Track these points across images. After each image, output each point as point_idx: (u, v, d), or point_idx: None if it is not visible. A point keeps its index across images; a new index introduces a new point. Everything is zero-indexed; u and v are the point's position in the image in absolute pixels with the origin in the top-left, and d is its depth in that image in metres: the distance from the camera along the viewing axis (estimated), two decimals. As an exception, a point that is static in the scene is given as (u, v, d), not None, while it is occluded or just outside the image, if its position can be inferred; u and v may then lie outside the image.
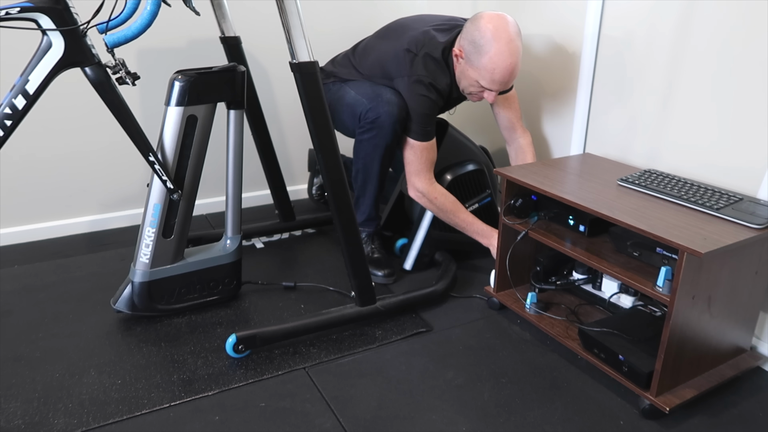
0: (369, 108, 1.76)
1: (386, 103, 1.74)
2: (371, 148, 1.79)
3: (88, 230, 2.24)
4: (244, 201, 2.35)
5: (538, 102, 2.11)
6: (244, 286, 1.84)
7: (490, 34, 1.63)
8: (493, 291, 1.73)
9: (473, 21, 1.69)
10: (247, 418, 1.30)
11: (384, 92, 1.77)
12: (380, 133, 1.76)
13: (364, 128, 1.78)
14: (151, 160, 1.49)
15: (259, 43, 2.31)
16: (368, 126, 1.77)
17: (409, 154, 1.81)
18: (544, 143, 2.12)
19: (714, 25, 1.48)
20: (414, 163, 1.81)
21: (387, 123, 1.74)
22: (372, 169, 1.83)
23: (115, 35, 1.37)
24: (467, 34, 1.69)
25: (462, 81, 1.77)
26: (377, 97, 1.76)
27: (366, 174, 1.85)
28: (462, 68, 1.74)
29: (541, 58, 2.06)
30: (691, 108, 1.58)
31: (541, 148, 2.14)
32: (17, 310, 1.70)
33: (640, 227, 1.27)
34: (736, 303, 1.35)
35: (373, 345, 1.56)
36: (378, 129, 1.75)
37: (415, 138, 1.78)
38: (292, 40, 1.36)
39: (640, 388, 1.32)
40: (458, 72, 1.77)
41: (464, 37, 1.71)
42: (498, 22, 1.64)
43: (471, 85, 1.74)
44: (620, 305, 1.59)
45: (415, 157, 1.80)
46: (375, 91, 1.79)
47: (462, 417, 1.31)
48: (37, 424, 1.27)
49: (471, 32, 1.68)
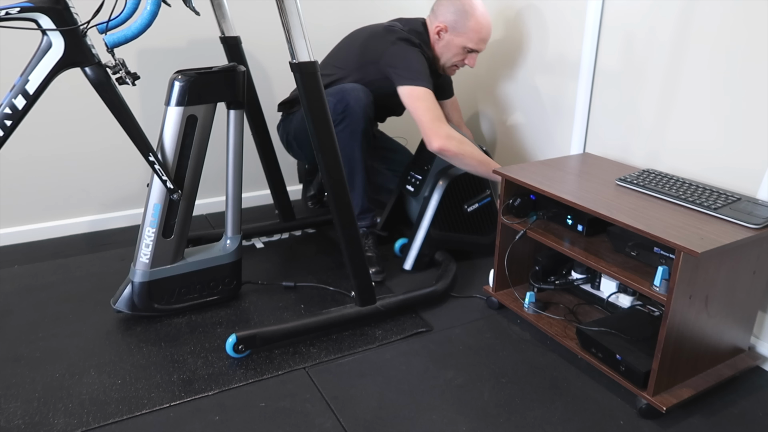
0: (336, 102, 1.78)
1: (351, 91, 1.78)
2: (348, 136, 1.80)
3: (88, 230, 2.25)
4: (244, 201, 2.35)
5: (538, 102, 2.12)
6: (244, 286, 1.84)
7: (469, 1, 1.86)
8: (492, 290, 1.74)
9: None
10: (247, 418, 1.30)
11: (345, 85, 1.82)
12: (352, 119, 1.78)
13: (336, 121, 1.79)
14: (151, 160, 1.50)
15: (259, 43, 2.31)
16: (340, 117, 1.78)
17: (421, 104, 1.77)
18: (544, 143, 2.13)
19: (714, 25, 1.48)
20: (432, 109, 1.77)
21: (357, 108, 1.77)
22: (354, 157, 1.84)
23: (115, 35, 1.37)
24: (444, 8, 1.88)
25: (445, 54, 1.93)
26: (340, 91, 1.80)
27: (350, 164, 1.85)
28: (446, 41, 1.90)
29: (541, 57, 2.06)
30: (690, 108, 1.58)
31: (541, 147, 2.15)
32: (17, 310, 1.71)
33: (637, 227, 1.27)
34: (734, 303, 1.36)
35: (373, 345, 1.57)
36: (349, 116, 1.77)
37: (422, 85, 1.78)
38: (292, 40, 1.36)
39: (638, 387, 1.32)
40: (440, 48, 1.92)
41: (442, 13, 1.89)
42: None
43: (456, 54, 1.92)
44: (619, 305, 1.59)
45: (429, 103, 1.77)
46: (335, 89, 1.82)
47: (462, 417, 1.31)
48: (37, 424, 1.27)
49: (449, 5, 1.87)
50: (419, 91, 1.77)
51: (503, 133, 2.32)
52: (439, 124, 1.76)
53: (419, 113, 1.77)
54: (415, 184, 1.99)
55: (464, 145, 1.78)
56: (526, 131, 2.21)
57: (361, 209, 1.92)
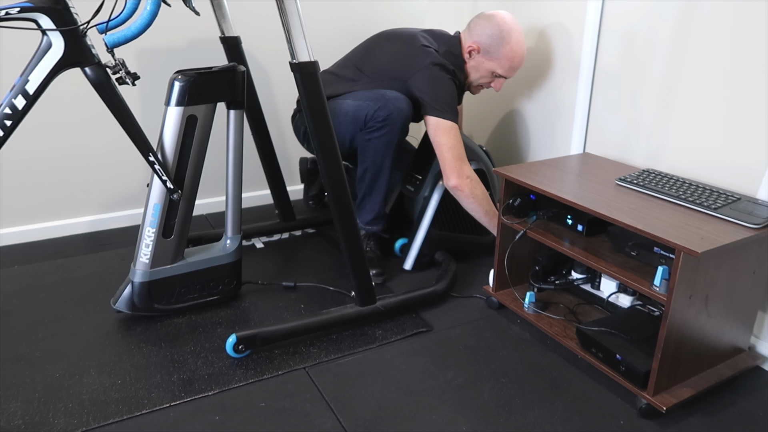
0: (377, 107, 1.77)
1: (394, 100, 1.77)
2: (382, 145, 1.80)
3: (88, 230, 2.25)
4: (244, 201, 2.35)
5: (538, 102, 2.12)
6: (244, 286, 1.84)
7: (508, 27, 1.82)
8: (492, 290, 1.74)
9: (486, 18, 1.85)
10: (247, 418, 1.30)
11: (387, 93, 1.80)
12: (392, 129, 1.78)
13: (373, 127, 1.78)
14: (151, 160, 1.50)
15: (259, 43, 2.31)
16: (379, 124, 1.77)
17: (447, 139, 1.78)
18: (544, 143, 2.13)
19: (714, 25, 1.48)
20: (456, 147, 1.78)
21: (398, 119, 1.77)
22: (384, 166, 1.84)
23: (115, 35, 1.37)
24: (481, 29, 1.85)
25: (473, 74, 1.91)
26: (382, 97, 1.78)
27: (376, 171, 1.85)
28: (476, 62, 1.88)
29: (541, 57, 2.06)
30: (690, 108, 1.58)
31: (541, 147, 2.15)
32: (17, 310, 1.71)
33: (637, 227, 1.27)
34: (734, 302, 1.36)
35: (373, 345, 1.57)
36: (390, 126, 1.77)
37: (450, 118, 1.79)
38: (292, 40, 1.36)
39: (638, 387, 1.32)
40: (469, 67, 1.90)
41: (477, 33, 1.85)
42: (510, 17, 1.84)
43: (483, 76, 1.90)
44: (619, 305, 1.59)
45: (454, 140, 1.78)
46: (376, 94, 1.80)
47: (462, 417, 1.31)
48: (38, 424, 1.27)
49: (486, 27, 1.84)
50: (446, 125, 1.78)
51: (503, 132, 2.32)
52: (461, 163, 1.79)
53: (443, 149, 1.79)
54: (415, 184, 1.99)
55: (477, 189, 1.80)
56: (526, 131, 2.21)
57: (377, 214, 1.93)
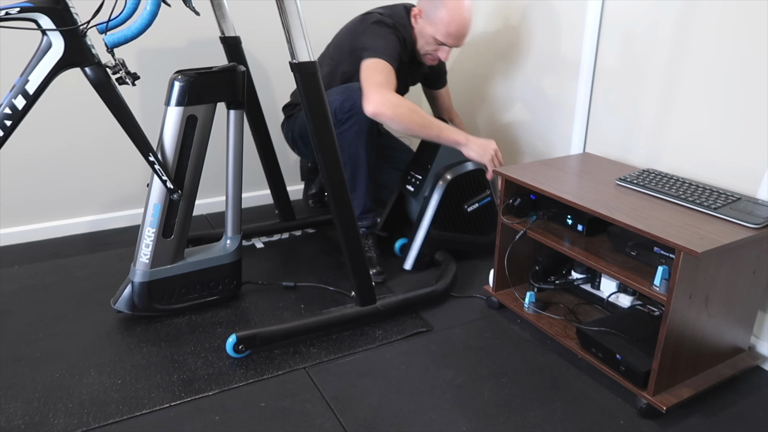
0: (342, 100, 1.77)
1: (358, 90, 1.75)
2: (353, 135, 1.79)
3: (88, 230, 2.25)
4: (244, 201, 2.35)
5: (538, 101, 2.12)
6: (244, 286, 1.84)
7: None
8: (492, 290, 1.74)
9: None
10: (247, 418, 1.30)
11: (353, 84, 1.80)
12: (358, 118, 1.76)
13: (341, 120, 1.78)
14: (151, 160, 1.50)
15: (259, 43, 2.31)
16: (346, 116, 1.77)
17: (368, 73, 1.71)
18: (544, 143, 2.13)
19: (714, 25, 1.48)
20: (373, 77, 1.69)
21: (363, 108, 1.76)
22: (359, 157, 1.83)
23: (115, 35, 1.37)
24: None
25: (419, 40, 1.90)
26: (347, 89, 1.79)
27: (354, 163, 1.84)
28: (420, 27, 1.89)
29: (541, 57, 2.06)
30: (690, 108, 1.58)
31: (541, 147, 2.15)
32: (17, 310, 1.71)
33: (637, 227, 1.27)
34: (734, 302, 1.36)
35: (373, 345, 1.57)
36: (356, 115, 1.76)
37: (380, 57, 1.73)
38: (292, 40, 1.36)
39: (638, 387, 1.32)
40: (417, 32, 1.90)
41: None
42: None
43: (428, 43, 1.89)
44: (619, 305, 1.59)
45: (373, 71, 1.71)
46: (342, 88, 1.82)
47: (462, 417, 1.32)
48: (38, 424, 1.27)
49: None
50: (375, 62, 1.72)
51: (503, 132, 2.32)
52: (377, 88, 1.68)
53: (363, 77, 1.71)
54: (415, 184, 1.99)
55: (400, 108, 1.69)
56: (526, 131, 2.21)
57: (363, 209, 1.92)
